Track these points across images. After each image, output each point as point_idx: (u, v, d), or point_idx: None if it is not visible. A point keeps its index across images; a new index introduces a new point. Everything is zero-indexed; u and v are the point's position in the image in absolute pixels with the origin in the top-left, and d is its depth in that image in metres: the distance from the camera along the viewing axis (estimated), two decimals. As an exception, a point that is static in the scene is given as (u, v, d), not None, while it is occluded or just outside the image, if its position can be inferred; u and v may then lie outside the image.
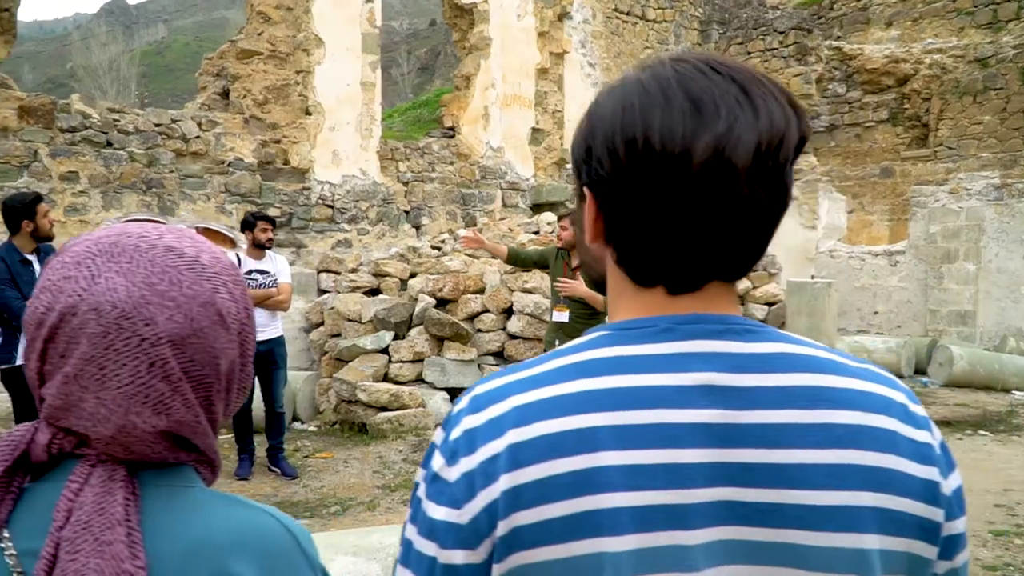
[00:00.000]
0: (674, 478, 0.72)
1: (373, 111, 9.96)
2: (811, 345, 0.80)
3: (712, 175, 0.72)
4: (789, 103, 0.76)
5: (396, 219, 10.26)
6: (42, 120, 7.84)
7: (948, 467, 0.78)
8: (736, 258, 0.77)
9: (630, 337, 0.78)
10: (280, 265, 6.12)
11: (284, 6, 9.72)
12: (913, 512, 0.74)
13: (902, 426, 0.76)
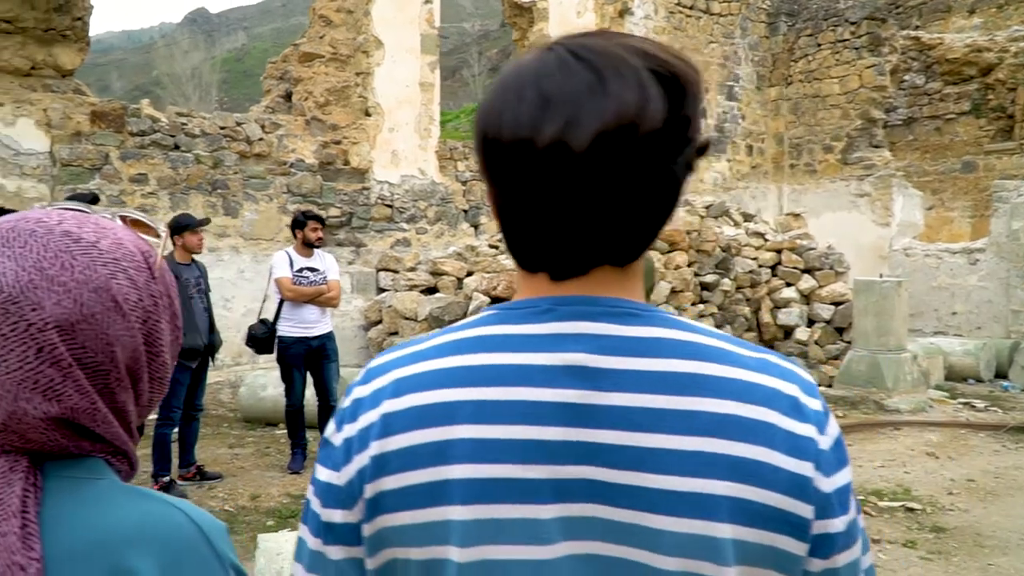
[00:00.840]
0: (528, 453, 0.73)
1: (432, 111, 10.04)
2: (704, 333, 0.78)
3: (553, 163, 0.72)
4: (665, 85, 0.73)
5: (455, 218, 10.32)
6: (113, 124, 8.17)
7: (833, 464, 0.75)
8: (615, 243, 0.76)
9: (512, 316, 0.79)
10: (328, 263, 6.23)
11: (345, 9, 9.89)
12: (776, 505, 0.72)
13: (782, 419, 0.74)
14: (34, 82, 8.13)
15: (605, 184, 0.72)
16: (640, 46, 0.77)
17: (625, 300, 0.78)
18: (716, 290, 8.77)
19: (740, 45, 13.26)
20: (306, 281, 5.98)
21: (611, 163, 0.72)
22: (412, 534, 0.75)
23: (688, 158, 0.76)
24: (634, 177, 0.73)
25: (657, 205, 0.76)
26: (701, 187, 12.59)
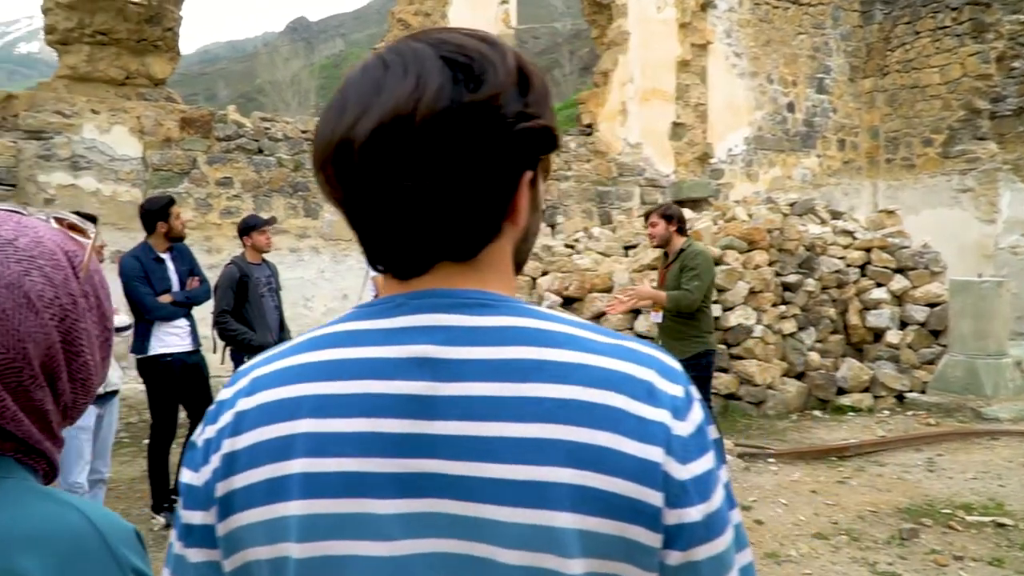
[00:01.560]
0: (368, 447, 0.72)
1: (508, 111, 10.04)
2: (558, 321, 0.77)
3: (340, 164, 0.74)
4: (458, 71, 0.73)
5: (531, 218, 10.31)
6: (201, 130, 8.50)
7: (692, 451, 0.72)
8: (444, 238, 0.76)
9: (368, 313, 0.79)
10: None
11: (423, 12, 10.01)
12: (622, 492, 0.69)
13: (633, 403, 0.72)
14: (128, 91, 8.55)
15: (409, 179, 0.72)
16: (441, 36, 0.78)
17: (477, 291, 0.77)
18: (799, 290, 8.44)
19: (831, 35, 12.74)
20: None
21: (396, 155, 0.72)
22: (258, 532, 0.75)
23: (515, 144, 0.74)
24: (434, 169, 0.72)
25: (480, 195, 0.74)
26: (788, 184, 12.16)
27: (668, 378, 0.75)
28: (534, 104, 0.77)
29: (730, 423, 7.49)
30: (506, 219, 0.78)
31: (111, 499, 5.47)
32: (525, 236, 0.84)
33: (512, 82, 0.75)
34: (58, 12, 8.14)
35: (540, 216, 0.86)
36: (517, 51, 0.80)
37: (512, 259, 0.83)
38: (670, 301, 5.05)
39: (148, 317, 4.84)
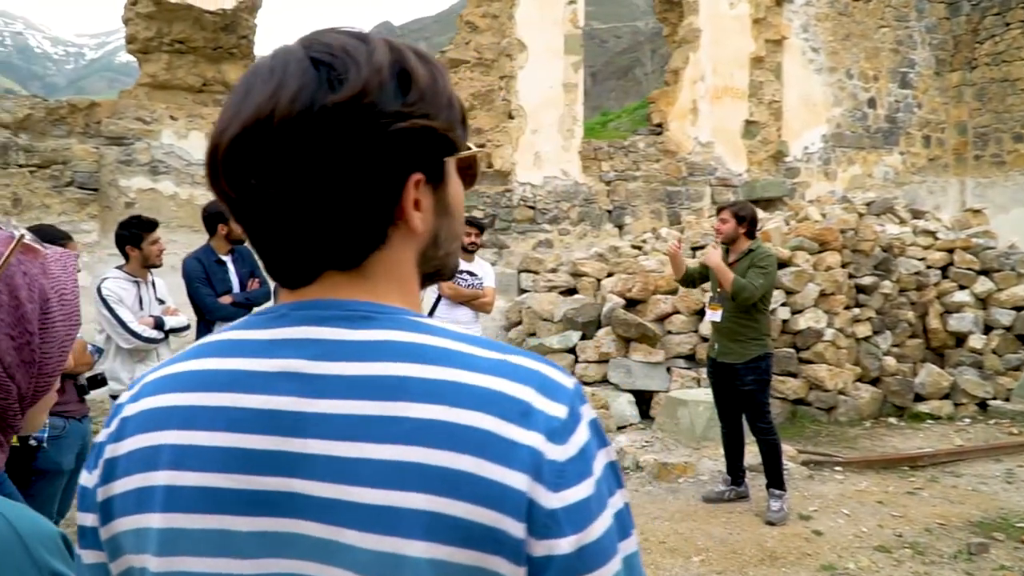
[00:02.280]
0: (228, 463, 0.71)
1: (575, 112, 10.00)
2: (442, 335, 0.73)
3: (212, 172, 0.74)
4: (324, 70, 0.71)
5: (598, 219, 10.22)
6: (273, 135, 8.76)
7: (568, 477, 0.67)
8: (325, 246, 0.74)
9: (253, 323, 0.77)
10: (487, 270, 6.32)
11: (490, 14, 10.06)
12: (482, 522, 0.65)
13: (503, 425, 0.67)
14: (205, 97, 8.87)
15: (273, 185, 0.71)
16: (316, 35, 0.76)
17: (361, 302, 0.74)
18: (875, 293, 8.11)
19: (916, 28, 12.20)
20: (464, 283, 6.09)
21: (256, 160, 0.70)
22: (131, 541, 0.74)
23: (390, 145, 0.71)
24: (298, 173, 0.70)
25: (352, 200, 0.71)
26: (869, 182, 11.71)
27: (550, 396, 0.69)
28: (417, 103, 0.73)
29: (798, 429, 7.26)
30: (392, 225, 0.75)
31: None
32: (434, 243, 0.80)
33: (381, 81, 0.71)
34: (138, 22, 8.51)
35: (454, 221, 0.82)
36: (404, 47, 0.77)
37: (415, 268, 0.79)
38: (734, 284, 4.91)
39: (209, 317, 5.00)
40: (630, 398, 7.38)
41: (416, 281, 0.80)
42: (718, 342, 5.18)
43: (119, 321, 4.28)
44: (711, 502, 5.20)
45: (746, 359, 5.01)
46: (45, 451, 3.53)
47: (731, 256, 5.20)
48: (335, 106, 0.69)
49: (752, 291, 4.96)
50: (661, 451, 6.01)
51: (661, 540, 4.59)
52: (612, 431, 6.87)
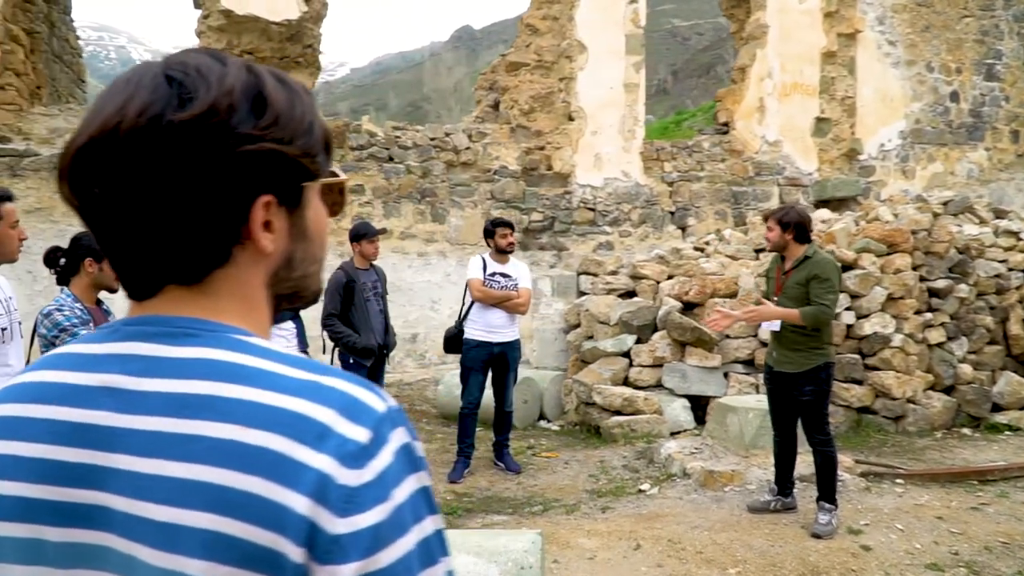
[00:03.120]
0: (45, 474, 0.72)
1: (636, 112, 9.88)
2: (259, 354, 0.73)
3: (59, 179, 0.76)
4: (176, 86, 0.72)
5: (660, 220, 10.07)
6: (335, 141, 8.96)
7: (360, 502, 0.67)
8: (164, 260, 0.75)
9: (93, 337, 0.79)
10: (522, 271, 6.31)
11: (551, 16, 10.05)
12: (261, 543, 0.66)
13: (295, 447, 0.67)
14: (273, 106, 9.15)
15: (112, 196, 0.73)
16: (179, 53, 0.77)
17: (189, 319, 0.75)
18: (949, 297, 7.72)
19: (1003, 17, 11.56)
20: (497, 286, 6.10)
21: (97, 171, 0.72)
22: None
23: (236, 167, 0.72)
24: (136, 187, 0.71)
25: (191, 217, 0.73)
26: (951, 180, 11.17)
27: (353, 419, 0.69)
28: (271, 127, 0.74)
29: (862, 439, 6.99)
30: (238, 244, 0.75)
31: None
32: (287, 264, 0.81)
33: (231, 102, 0.72)
34: (210, 35, 8.85)
35: (312, 244, 0.83)
36: (265, 72, 0.78)
37: (263, 288, 0.80)
38: (807, 318, 4.67)
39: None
40: (685, 403, 7.24)
41: (264, 301, 0.81)
42: (776, 350, 4.97)
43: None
44: (756, 512, 5.05)
45: (805, 368, 4.80)
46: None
47: (787, 263, 4.95)
48: (181, 123, 0.71)
49: (827, 313, 4.74)
50: (709, 458, 5.87)
51: (698, 550, 4.49)
52: (664, 437, 6.76)
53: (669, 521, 4.95)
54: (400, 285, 9.13)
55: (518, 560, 3.27)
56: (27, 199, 7.94)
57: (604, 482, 5.88)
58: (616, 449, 6.63)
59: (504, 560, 3.28)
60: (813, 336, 4.83)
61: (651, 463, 6.19)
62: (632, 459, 6.35)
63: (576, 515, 5.17)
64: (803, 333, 4.82)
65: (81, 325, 3.75)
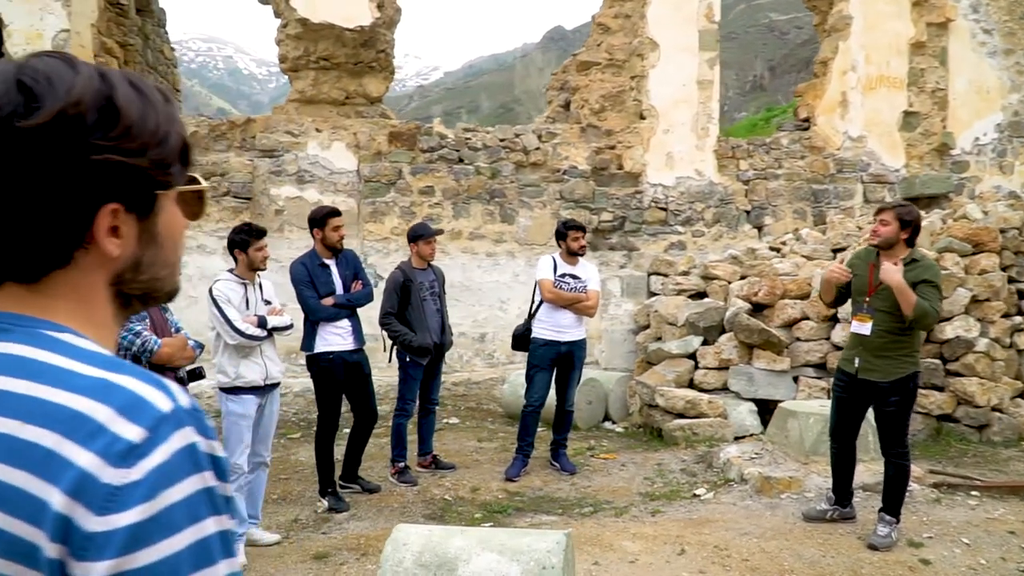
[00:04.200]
0: None
1: (710, 109, 9.68)
2: (60, 350, 0.75)
3: None
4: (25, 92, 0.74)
5: (735, 219, 9.83)
6: (407, 143, 9.14)
7: (122, 501, 0.68)
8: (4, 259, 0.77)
9: None
10: (591, 272, 6.30)
11: (623, 14, 9.96)
12: (22, 536, 0.68)
13: (64, 443, 0.69)
14: (348, 110, 9.40)
15: None
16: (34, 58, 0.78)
17: (10, 315, 0.77)
18: (1042, 299, 7.26)
19: (1115, -2, 10.75)
20: (567, 287, 6.12)
21: None
22: None
23: (81, 174, 0.74)
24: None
25: (39, 222, 0.75)
26: (1054, 175, 10.47)
27: (131, 417, 0.70)
28: (120, 138, 0.76)
29: (941, 448, 6.64)
30: (81, 248, 0.77)
31: (282, 480, 6.10)
32: (134, 268, 0.83)
33: (78, 112, 0.74)
34: (288, 43, 9.17)
35: (163, 250, 0.85)
36: (121, 80, 0.80)
37: (106, 290, 0.82)
38: (917, 309, 4.36)
39: (312, 318, 5.33)
40: (751, 407, 7.05)
41: (106, 301, 0.83)
42: (860, 356, 4.63)
43: (225, 319, 4.63)
44: (811, 521, 4.87)
45: (893, 378, 4.52)
46: (146, 437, 3.91)
47: (883, 260, 4.59)
48: (26, 130, 0.73)
49: (935, 318, 4.48)
50: (768, 464, 5.70)
51: (744, 558, 4.37)
52: (728, 441, 6.60)
53: (718, 527, 4.84)
54: (469, 285, 9.23)
55: (540, 560, 3.27)
56: (119, 203, 8.44)
57: (659, 485, 5.79)
58: (676, 452, 6.52)
59: (527, 560, 3.29)
60: (904, 343, 4.54)
61: (710, 467, 6.06)
62: (691, 463, 6.23)
63: (625, 518, 5.11)
64: (893, 340, 4.53)
65: (137, 321, 3.96)
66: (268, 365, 4.76)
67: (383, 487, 5.80)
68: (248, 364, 4.68)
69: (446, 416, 8.28)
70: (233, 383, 4.65)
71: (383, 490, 5.75)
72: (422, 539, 3.47)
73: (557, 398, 6.30)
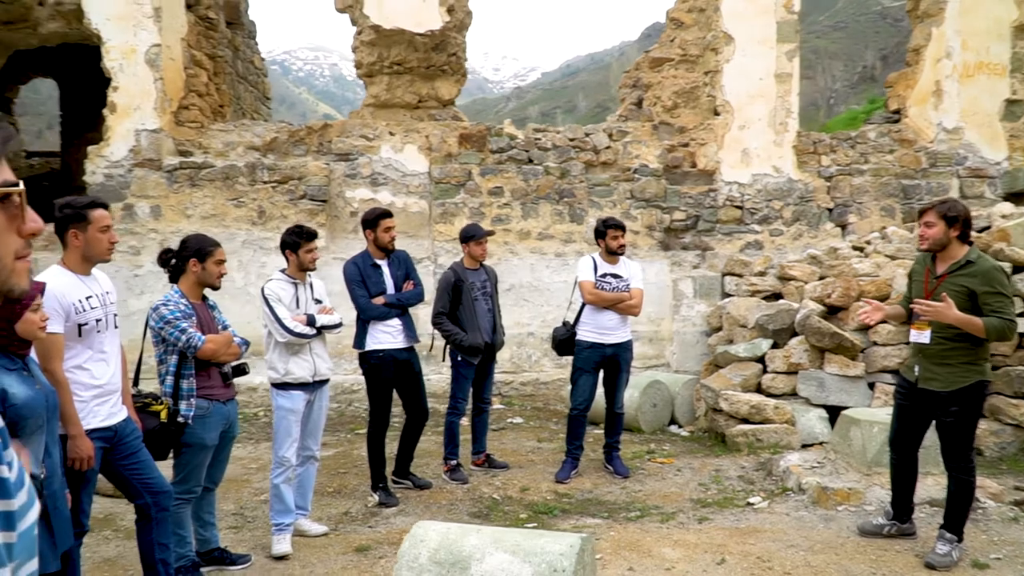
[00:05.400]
0: None
1: (789, 104, 9.33)
2: None
3: None
4: None
5: (816, 218, 9.45)
6: (476, 144, 9.21)
7: None
8: None
9: None
10: (633, 270, 6.22)
11: (696, 8, 9.74)
12: None
13: None
14: (421, 113, 9.55)
15: None
16: None
17: None
18: None
19: None
20: (608, 287, 6.06)
21: None
22: None
23: None
24: None
25: None
26: None
27: None
28: None
29: (1030, 462, 6.19)
30: None
31: (340, 474, 6.24)
32: None
33: None
34: (363, 49, 9.39)
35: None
36: None
37: None
38: (991, 332, 4.07)
39: (363, 316, 5.44)
40: (822, 414, 6.76)
41: None
42: (920, 364, 4.38)
43: (275, 317, 4.79)
44: (867, 536, 4.63)
45: (956, 387, 4.23)
46: (191, 427, 4.08)
47: (939, 266, 4.33)
48: None
49: (1013, 328, 4.16)
50: (829, 474, 5.45)
51: (787, 570, 4.19)
52: (794, 448, 6.35)
53: (765, 537, 4.66)
54: (537, 285, 9.22)
55: (552, 562, 3.23)
56: (204, 206, 8.84)
57: (713, 492, 5.63)
58: (737, 459, 6.32)
59: (538, 561, 3.25)
60: (967, 351, 4.23)
61: (769, 476, 5.84)
62: (751, 470, 6.03)
63: (670, 524, 4.99)
64: (955, 347, 4.23)
65: (184, 319, 4.15)
66: (317, 362, 4.89)
67: (434, 484, 5.87)
68: (297, 361, 4.82)
69: (510, 416, 8.30)
70: (282, 379, 4.79)
71: (434, 487, 5.82)
72: (439, 536, 3.49)
73: (607, 401, 6.23)
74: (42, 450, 2.84)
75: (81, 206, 3.52)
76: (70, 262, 3.55)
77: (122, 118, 8.77)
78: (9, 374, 2.77)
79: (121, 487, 3.78)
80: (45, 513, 2.78)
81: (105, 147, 8.79)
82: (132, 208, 8.76)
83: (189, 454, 4.17)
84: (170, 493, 3.85)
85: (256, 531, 5.03)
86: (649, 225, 9.31)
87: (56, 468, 2.96)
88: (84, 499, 3.52)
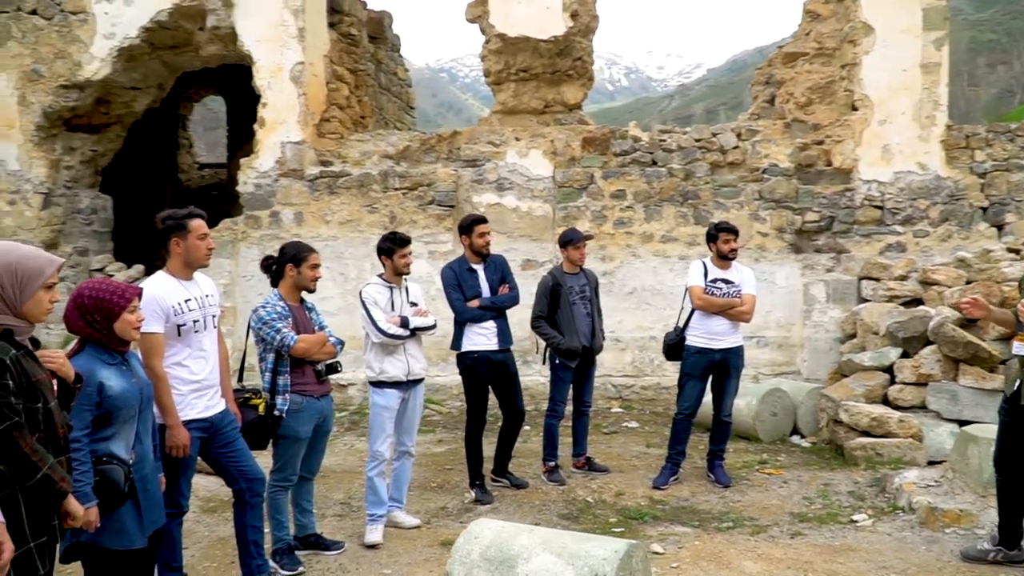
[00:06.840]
0: None
1: (936, 95, 8.67)
2: None
3: None
4: None
5: (967, 217, 8.72)
6: (599, 147, 9.23)
7: None
8: None
9: None
10: (746, 276, 6.08)
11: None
12: None
13: None
14: (547, 118, 9.70)
15: None
16: None
17: None
18: None
19: None
20: (719, 292, 5.97)
21: None
22: None
23: None
24: None
25: None
26: None
27: None
28: None
29: None
30: None
31: (445, 470, 6.47)
32: None
33: None
34: (491, 58, 9.65)
35: None
36: None
37: None
38: None
39: (458, 319, 5.65)
40: (954, 429, 6.25)
41: None
42: (1022, 379, 4.09)
43: (371, 319, 5.08)
44: (970, 561, 4.28)
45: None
46: (286, 421, 4.43)
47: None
48: None
49: None
50: (944, 494, 5.07)
51: (870, 593, 3.97)
52: (919, 465, 5.93)
53: (857, 557, 4.42)
54: (660, 288, 9.10)
55: (595, 567, 3.26)
56: (341, 212, 9.43)
57: (816, 507, 5.38)
58: (852, 473, 5.99)
59: (581, 564, 3.29)
60: None
61: (882, 492, 5.51)
62: (864, 486, 5.70)
63: (760, 537, 4.84)
64: None
65: (280, 320, 4.50)
66: (411, 362, 5.13)
67: (531, 484, 5.98)
68: (392, 361, 5.08)
69: (627, 419, 8.26)
70: (377, 377, 5.07)
71: (530, 487, 5.93)
72: (493, 534, 3.60)
73: (714, 407, 6.11)
74: (133, 437, 3.18)
75: (181, 217, 3.91)
76: (173, 268, 3.95)
77: (270, 132, 9.51)
78: (108, 368, 3.12)
79: (220, 473, 4.16)
80: (134, 493, 3.11)
81: (255, 159, 9.57)
82: (278, 215, 9.49)
83: (284, 445, 4.51)
84: (263, 480, 4.19)
85: (357, 520, 5.33)
86: (779, 227, 8.95)
87: (147, 454, 3.28)
88: (183, 483, 3.90)
